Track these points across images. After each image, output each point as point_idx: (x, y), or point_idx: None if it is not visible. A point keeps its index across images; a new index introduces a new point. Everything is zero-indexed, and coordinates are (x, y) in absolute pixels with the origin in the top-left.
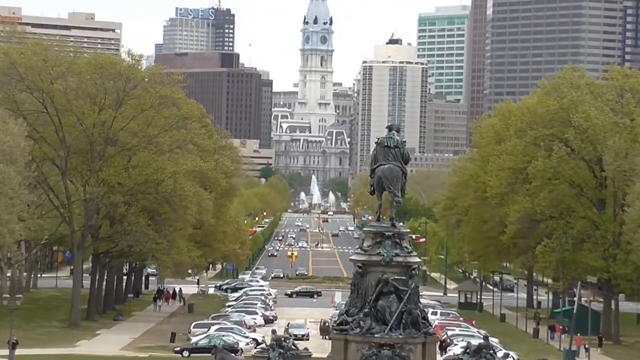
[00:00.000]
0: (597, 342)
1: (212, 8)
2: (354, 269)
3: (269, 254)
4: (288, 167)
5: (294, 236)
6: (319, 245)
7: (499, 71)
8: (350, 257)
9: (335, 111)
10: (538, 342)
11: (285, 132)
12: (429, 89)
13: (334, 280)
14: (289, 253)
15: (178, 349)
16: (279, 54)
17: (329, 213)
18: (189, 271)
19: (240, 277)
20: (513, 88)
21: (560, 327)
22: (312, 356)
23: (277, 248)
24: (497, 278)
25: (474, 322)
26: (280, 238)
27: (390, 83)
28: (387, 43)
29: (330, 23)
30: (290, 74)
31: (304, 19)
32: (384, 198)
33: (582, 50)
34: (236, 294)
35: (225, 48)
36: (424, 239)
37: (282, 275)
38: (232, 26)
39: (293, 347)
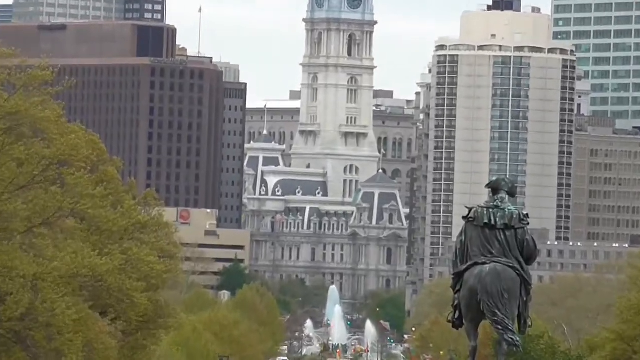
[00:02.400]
0: None
1: None
2: None
3: None
4: (278, 267)
5: None
6: None
7: None
8: None
9: (380, 150)
10: None
11: (274, 193)
12: (579, 106)
13: None
14: None
15: None
16: (258, 32)
17: None
18: None
19: None
20: None
21: None
22: None
23: None
24: None
25: None
26: None
27: (496, 92)
28: (490, 8)
29: None
30: (284, 71)
31: None
32: (482, 333)
33: None
34: None
35: (147, 17)
36: None
37: None
38: None
39: None
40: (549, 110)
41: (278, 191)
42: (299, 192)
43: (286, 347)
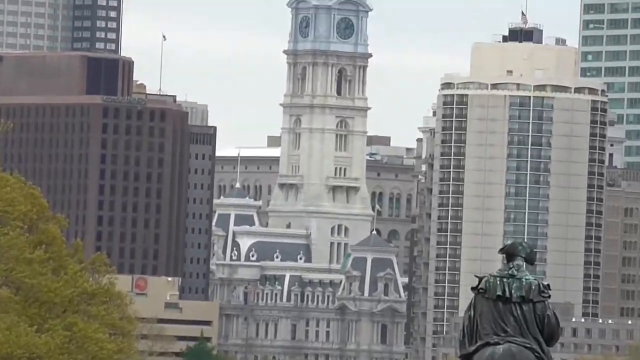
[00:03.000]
0: None
1: None
2: None
3: None
4: (252, 347)
5: None
6: None
7: None
8: None
9: (374, 207)
10: None
11: (248, 258)
12: (611, 156)
13: None
14: None
15: None
16: (231, 66)
17: None
18: None
19: None
20: None
21: None
22: None
23: None
24: None
25: None
26: None
27: (513, 139)
28: (505, 39)
29: None
30: (261, 113)
31: None
32: None
33: None
34: None
35: (98, 48)
36: None
37: None
38: None
39: None
40: (575, 161)
41: (252, 256)
42: (277, 257)
43: None
